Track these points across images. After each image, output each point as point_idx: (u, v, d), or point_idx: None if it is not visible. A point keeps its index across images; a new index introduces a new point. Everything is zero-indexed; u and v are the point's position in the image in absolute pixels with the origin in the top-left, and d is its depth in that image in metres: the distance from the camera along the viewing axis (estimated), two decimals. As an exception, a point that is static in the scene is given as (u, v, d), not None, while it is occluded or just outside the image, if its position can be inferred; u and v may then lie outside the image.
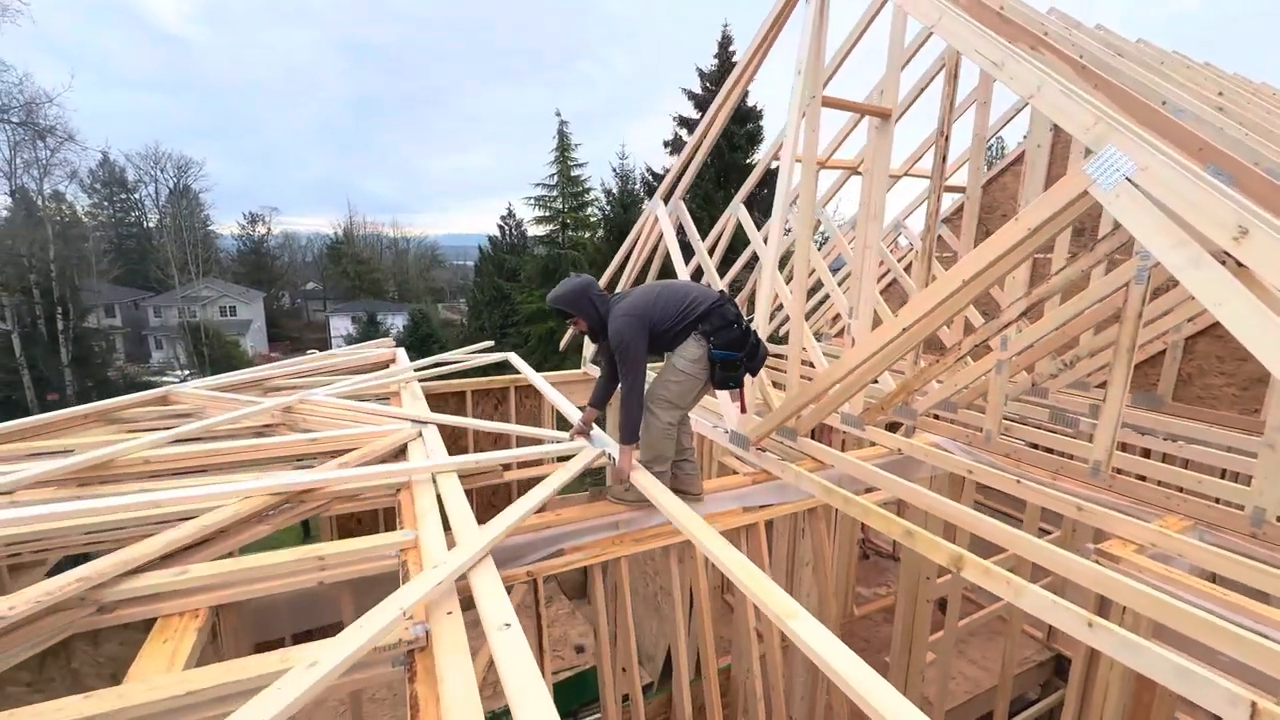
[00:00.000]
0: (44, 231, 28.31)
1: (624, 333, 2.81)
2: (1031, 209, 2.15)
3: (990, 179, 6.29)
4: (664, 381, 2.97)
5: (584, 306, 2.98)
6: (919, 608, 4.08)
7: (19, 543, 2.39)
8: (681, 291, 2.98)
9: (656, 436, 2.97)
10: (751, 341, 2.89)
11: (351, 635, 1.62)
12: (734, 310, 2.92)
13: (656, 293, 2.97)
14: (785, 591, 4.09)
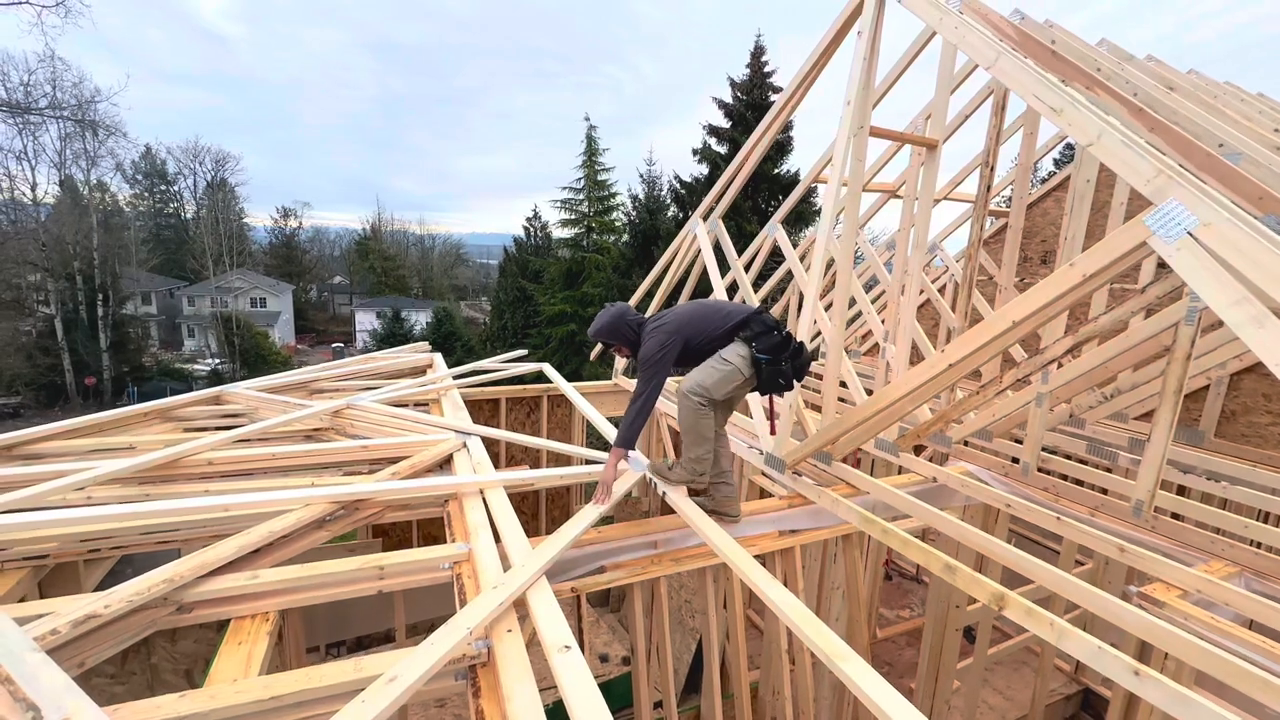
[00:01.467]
0: (89, 220, 29.32)
1: (653, 348, 2.85)
2: (1088, 256, 2.17)
3: (1030, 204, 6.24)
4: (702, 369, 2.92)
5: (622, 333, 3.03)
6: (947, 635, 4.07)
7: (99, 539, 2.55)
8: (717, 306, 3.04)
9: (694, 417, 2.91)
10: (794, 345, 2.92)
11: (425, 652, 1.71)
12: (772, 318, 2.96)
13: (692, 309, 3.01)
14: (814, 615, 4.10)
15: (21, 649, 1.52)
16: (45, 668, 1.48)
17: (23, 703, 1.39)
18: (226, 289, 38.00)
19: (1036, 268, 6.27)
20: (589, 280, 23.13)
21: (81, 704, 1.40)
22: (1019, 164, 4.16)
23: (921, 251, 3.91)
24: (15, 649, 1.51)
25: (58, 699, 1.40)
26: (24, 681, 1.40)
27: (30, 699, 1.38)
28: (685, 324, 2.93)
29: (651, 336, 2.89)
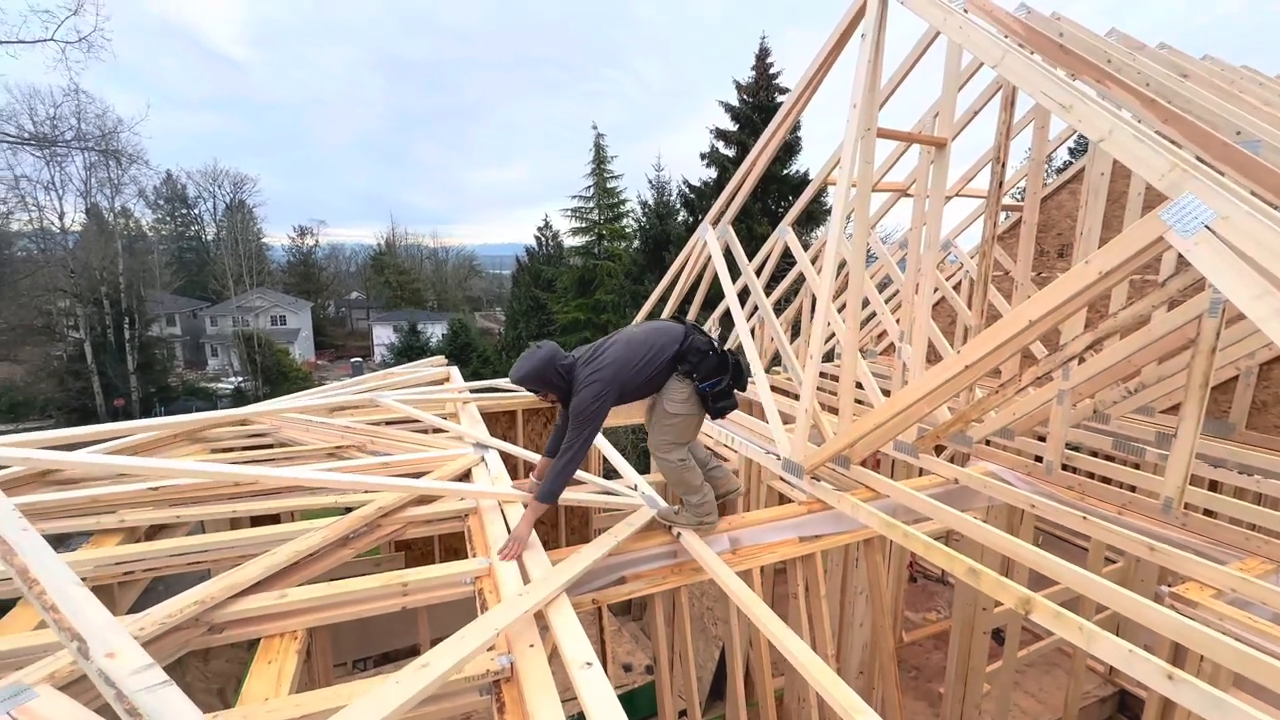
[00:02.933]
0: (114, 246, 30.15)
1: (588, 400, 2.62)
2: (1104, 253, 2.14)
3: (1045, 197, 6.15)
4: (659, 428, 2.88)
5: (552, 379, 2.72)
6: (975, 639, 4.01)
7: (132, 561, 2.62)
8: (646, 338, 2.82)
9: (678, 473, 2.93)
10: (731, 362, 2.85)
11: (456, 644, 1.76)
12: (704, 338, 2.86)
13: (625, 348, 2.77)
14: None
15: (64, 581, 1.57)
16: (88, 603, 1.53)
17: (67, 633, 1.43)
18: (247, 308, 38.80)
19: (1054, 261, 6.18)
20: (601, 287, 23.23)
21: (123, 641, 1.45)
22: (1032, 158, 4.12)
23: (934, 250, 3.87)
24: (60, 580, 1.56)
25: (102, 634, 1.44)
26: (70, 611, 1.45)
27: (75, 629, 1.43)
28: (621, 368, 2.70)
29: (587, 386, 2.64)
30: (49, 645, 1.89)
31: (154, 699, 1.38)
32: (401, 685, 1.59)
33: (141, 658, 1.46)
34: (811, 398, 3.71)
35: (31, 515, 2.83)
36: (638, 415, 5.19)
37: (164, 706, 1.36)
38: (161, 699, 1.38)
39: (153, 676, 1.43)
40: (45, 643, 1.92)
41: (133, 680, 1.41)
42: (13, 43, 11.50)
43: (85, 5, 12.04)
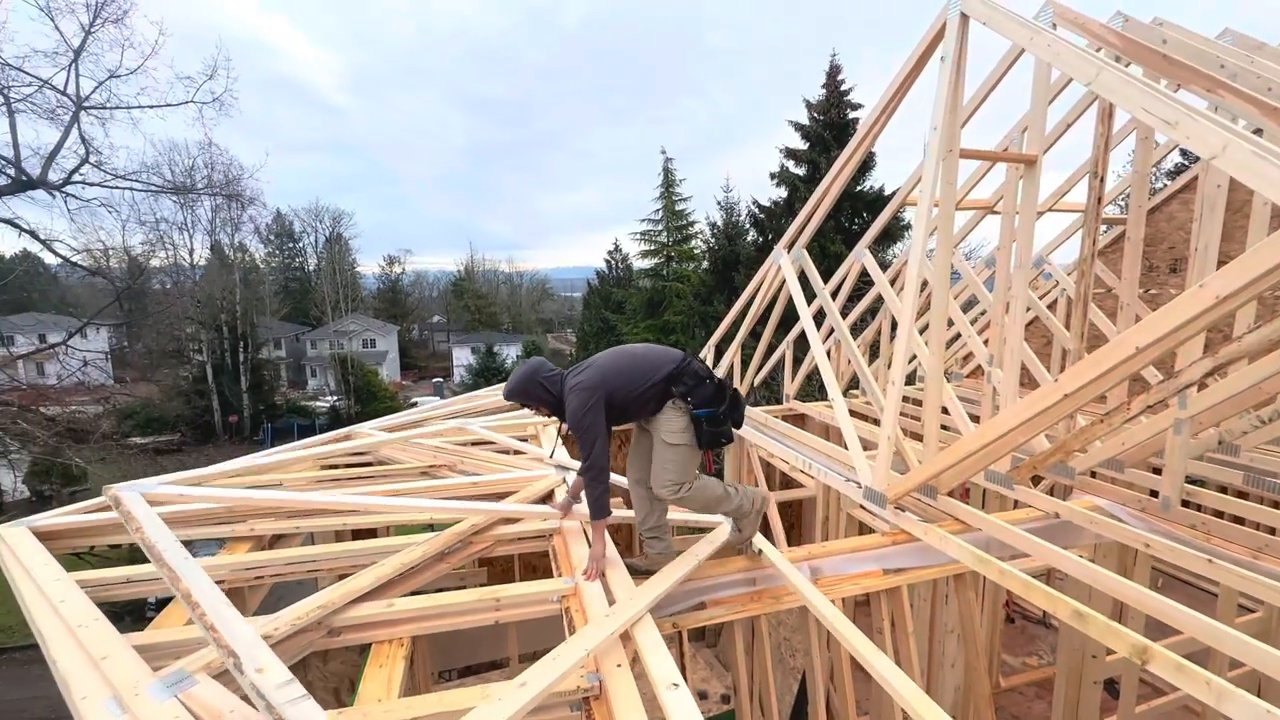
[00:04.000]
0: (233, 278, 33.70)
1: (578, 410, 2.57)
2: (1222, 275, 2.00)
3: (1154, 208, 5.70)
4: (661, 467, 2.73)
5: (535, 392, 2.71)
6: (1084, 689, 3.69)
7: (260, 568, 2.92)
8: (641, 356, 2.77)
9: (697, 498, 2.82)
10: (729, 393, 2.73)
11: (549, 665, 1.87)
12: (702, 366, 2.79)
13: (613, 358, 2.76)
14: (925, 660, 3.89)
15: (219, 603, 1.80)
16: (238, 622, 1.75)
17: (224, 650, 1.65)
18: (342, 332, 42.00)
19: (1165, 277, 5.69)
20: (670, 308, 23.45)
21: (269, 658, 1.65)
22: (1135, 171, 3.87)
23: (1025, 269, 3.70)
24: (215, 603, 1.79)
25: (252, 651, 1.65)
26: (226, 631, 1.67)
27: (230, 646, 1.64)
28: (608, 374, 2.65)
29: (573, 395, 2.60)
30: (201, 639, 2.15)
31: (297, 710, 1.60)
32: (504, 702, 1.70)
33: (283, 673, 1.68)
34: (894, 424, 3.61)
35: (179, 522, 3.23)
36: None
37: (304, 717, 1.57)
38: (303, 710, 1.60)
39: (294, 690, 1.66)
40: (198, 636, 2.19)
41: (278, 694, 1.64)
42: (161, 106, 13.27)
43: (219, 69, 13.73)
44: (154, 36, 13.82)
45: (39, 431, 11.63)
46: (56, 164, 12.16)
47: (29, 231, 12.53)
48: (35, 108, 11.68)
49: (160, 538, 2.15)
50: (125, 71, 12.47)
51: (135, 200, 21.80)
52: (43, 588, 2.42)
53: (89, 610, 2.26)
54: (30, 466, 16.83)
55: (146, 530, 2.22)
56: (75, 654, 2.00)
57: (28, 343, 18.05)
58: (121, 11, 12.08)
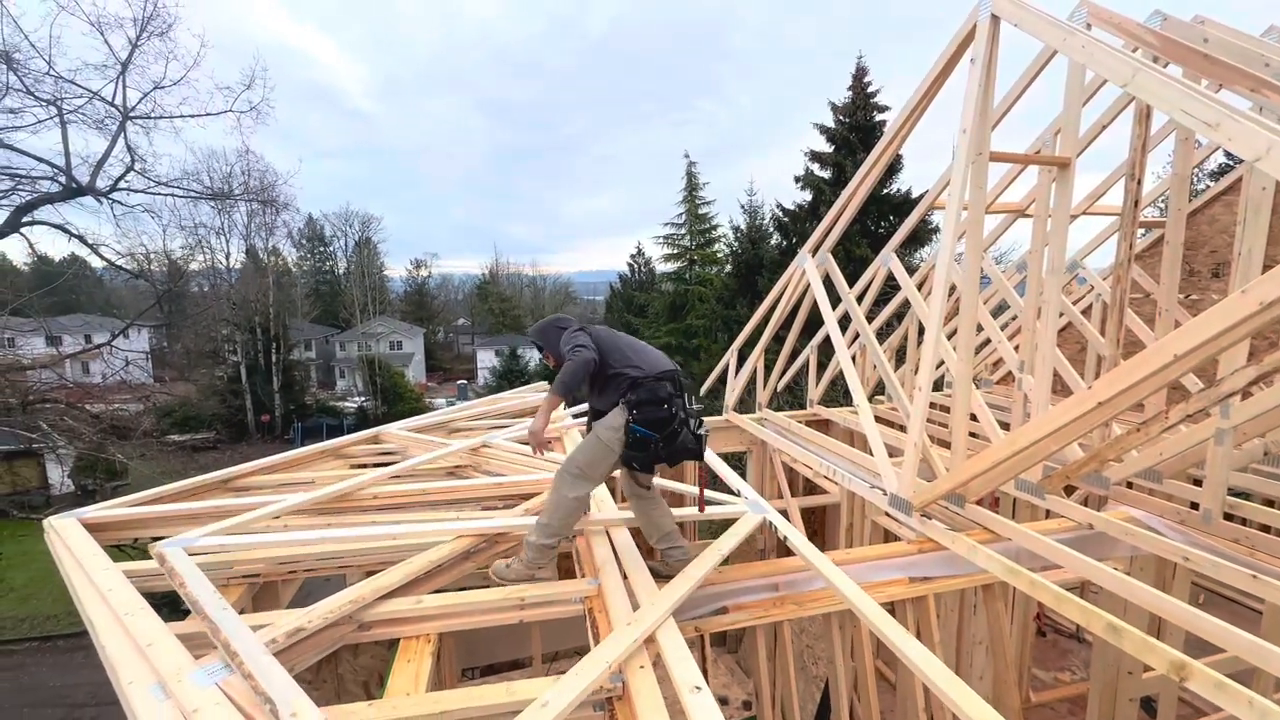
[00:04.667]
0: (266, 281, 34.69)
1: (571, 341, 2.74)
2: (1266, 281, 1.94)
3: (1194, 210, 5.52)
4: (580, 446, 2.82)
5: (550, 337, 2.96)
6: (1119, 707, 3.58)
7: (293, 562, 3.01)
8: (629, 344, 2.85)
9: (562, 511, 2.73)
10: (673, 429, 2.60)
11: (571, 681, 1.87)
12: (668, 390, 2.67)
13: (609, 332, 2.90)
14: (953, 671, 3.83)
15: (256, 652, 1.87)
16: (275, 669, 1.81)
17: (261, 696, 1.71)
18: (370, 334, 42.88)
19: (1207, 282, 5.50)
20: (693, 312, 23.39)
21: (304, 703, 1.70)
22: (1175, 173, 3.75)
23: (1059, 274, 3.62)
24: (253, 651, 1.86)
25: (286, 696, 1.71)
26: (262, 678, 1.73)
27: (266, 693, 1.70)
28: (603, 337, 2.82)
29: (570, 336, 2.80)
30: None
31: None
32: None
33: (317, 716, 1.73)
34: (921, 430, 3.56)
35: (219, 516, 3.35)
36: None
37: None
38: None
39: None
40: (236, 627, 2.27)
41: None
42: (201, 115, 13.76)
43: (256, 79, 14.18)
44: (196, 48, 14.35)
45: (85, 428, 12.11)
46: (104, 172, 12.70)
47: (78, 236, 13.10)
48: (85, 118, 12.21)
49: (201, 593, 2.35)
50: (169, 82, 12.96)
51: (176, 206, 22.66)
52: (92, 576, 2.53)
53: (135, 599, 2.36)
54: (75, 461, 17.54)
55: (189, 585, 2.42)
56: (122, 640, 2.09)
57: (75, 343, 18.82)
58: (166, 25, 12.56)
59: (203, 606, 2.19)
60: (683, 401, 2.70)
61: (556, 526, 2.74)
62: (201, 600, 2.24)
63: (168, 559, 2.60)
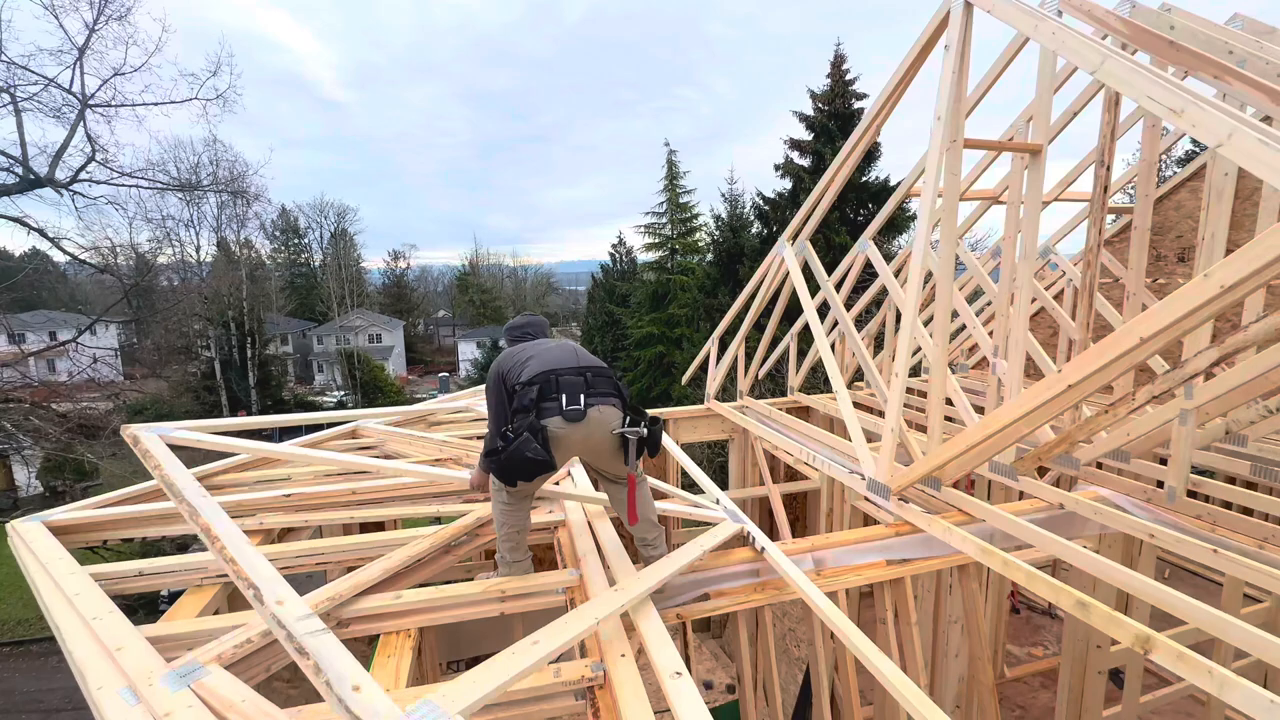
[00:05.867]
0: (239, 274, 33.91)
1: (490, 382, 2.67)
2: (1226, 265, 1.99)
3: (1161, 196, 5.65)
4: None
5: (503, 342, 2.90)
6: (1089, 680, 3.70)
7: (271, 560, 2.95)
8: (536, 351, 2.62)
9: (497, 513, 2.68)
10: (503, 455, 2.29)
11: (560, 628, 1.97)
12: (531, 397, 2.37)
13: (515, 350, 2.71)
14: (929, 651, 3.91)
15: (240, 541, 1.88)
16: (258, 558, 1.82)
17: (244, 581, 1.71)
18: (348, 327, 42.24)
19: (1173, 267, 5.64)
20: (675, 301, 23.42)
21: (288, 592, 1.79)
22: (1142, 159, 3.83)
23: (1031, 260, 3.68)
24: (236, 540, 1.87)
25: (270, 585, 1.73)
26: (245, 565, 1.73)
27: (250, 579, 1.70)
28: (503, 366, 2.63)
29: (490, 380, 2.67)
30: (214, 630, 2.19)
31: (316, 642, 1.76)
32: (517, 655, 1.78)
33: (303, 608, 1.82)
34: (898, 416, 3.61)
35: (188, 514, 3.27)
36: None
37: (324, 648, 1.72)
38: (322, 643, 1.76)
39: (314, 624, 1.79)
40: (210, 628, 2.23)
41: (299, 625, 1.78)
42: (165, 103, 13.31)
43: (223, 66, 13.76)
44: (157, 33, 13.84)
45: (51, 428, 11.77)
46: (63, 162, 12.24)
47: (37, 229, 12.64)
48: (41, 106, 11.75)
49: (179, 475, 2.24)
50: (129, 69, 12.52)
51: (142, 198, 21.99)
52: (58, 581, 2.46)
53: (103, 603, 2.30)
54: (43, 462, 17.06)
55: (165, 468, 2.33)
56: (91, 645, 2.04)
57: (39, 340, 18.24)
58: (125, 8, 12.11)
59: (180, 490, 2.15)
60: (558, 403, 2.36)
61: (504, 537, 2.69)
62: (179, 483, 2.19)
63: (142, 442, 2.51)
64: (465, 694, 1.72)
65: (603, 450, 2.49)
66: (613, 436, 2.43)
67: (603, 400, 2.43)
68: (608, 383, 2.50)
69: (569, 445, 2.41)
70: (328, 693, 1.64)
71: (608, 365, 2.65)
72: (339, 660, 1.69)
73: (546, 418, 2.34)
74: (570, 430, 2.36)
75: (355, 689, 1.62)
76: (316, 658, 1.66)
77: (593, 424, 2.38)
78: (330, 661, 1.67)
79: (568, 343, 2.80)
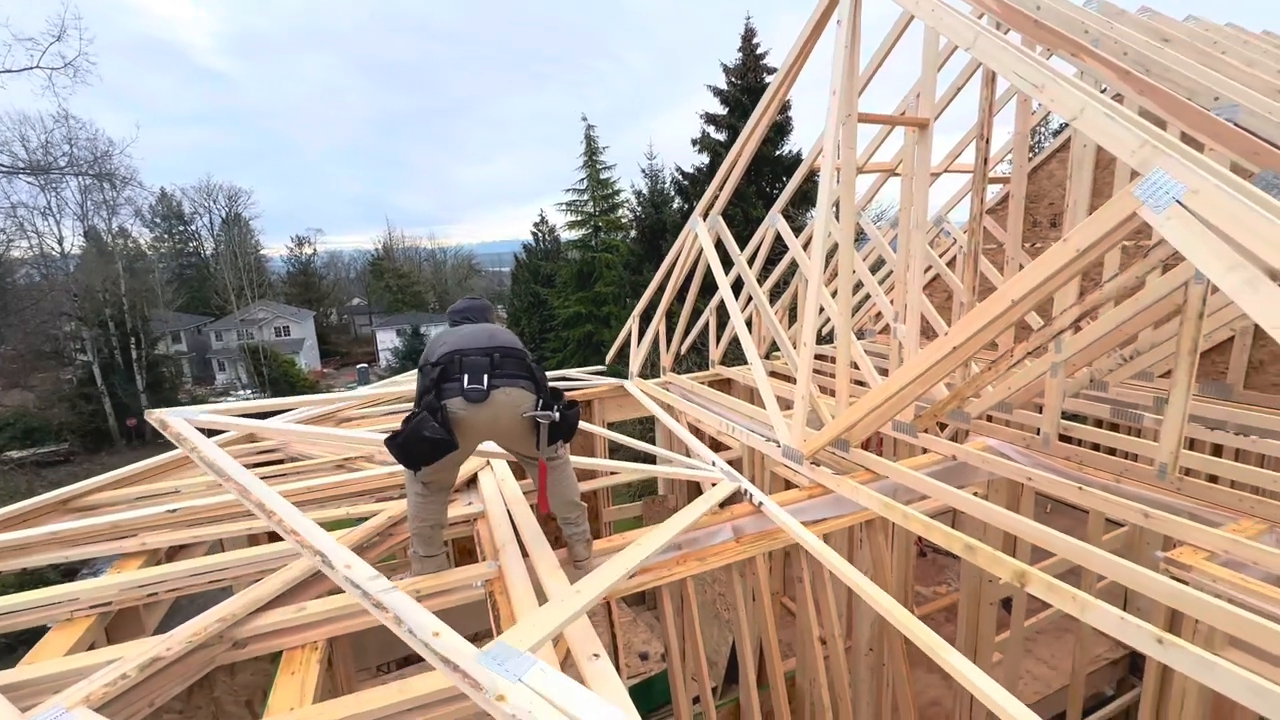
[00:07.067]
0: (115, 267, 30.36)
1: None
2: (1080, 230, 2.17)
3: (1035, 167, 6.13)
4: None
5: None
6: (982, 610, 4.08)
7: (154, 584, 2.70)
8: (456, 337, 2.48)
9: (410, 506, 2.59)
10: (401, 437, 2.23)
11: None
12: (433, 378, 2.29)
13: (438, 337, 2.57)
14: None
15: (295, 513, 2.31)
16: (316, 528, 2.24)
17: (309, 549, 2.10)
18: (251, 321, 39.05)
19: (1047, 232, 6.17)
20: (601, 280, 23.24)
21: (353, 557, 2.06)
22: (1016, 133, 4.12)
23: (921, 229, 3.89)
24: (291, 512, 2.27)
25: (335, 551, 2.10)
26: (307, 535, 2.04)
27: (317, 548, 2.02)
28: (433, 355, 2.44)
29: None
30: (85, 669, 1.98)
31: (390, 598, 1.89)
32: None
33: (368, 569, 2.03)
34: (807, 382, 3.76)
35: (56, 544, 2.94)
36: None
37: (399, 602, 1.88)
38: (396, 598, 1.90)
39: (383, 583, 1.96)
40: (80, 666, 2.01)
41: (371, 585, 1.94)
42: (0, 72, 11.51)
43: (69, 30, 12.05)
44: (-20, -10, 11.89)
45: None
46: None
47: None
48: None
49: (219, 457, 2.49)
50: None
51: (-19, 183, 19.08)
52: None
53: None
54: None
55: (204, 450, 2.55)
56: (-75, 703, 1.79)
57: None
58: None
59: (226, 470, 2.41)
60: (460, 383, 2.27)
61: (416, 532, 2.59)
62: (223, 464, 2.45)
63: (171, 425, 2.74)
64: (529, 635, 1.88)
65: (513, 434, 2.41)
66: (523, 420, 2.36)
67: (510, 381, 2.34)
68: (518, 364, 2.41)
69: (474, 427, 2.33)
70: (411, 639, 1.77)
71: (524, 348, 2.55)
72: (417, 612, 1.84)
73: (447, 398, 2.26)
74: (474, 411, 2.27)
75: (435, 634, 1.77)
76: (395, 610, 1.82)
77: (499, 406, 2.30)
78: (409, 613, 1.81)
79: (489, 325, 2.69)
